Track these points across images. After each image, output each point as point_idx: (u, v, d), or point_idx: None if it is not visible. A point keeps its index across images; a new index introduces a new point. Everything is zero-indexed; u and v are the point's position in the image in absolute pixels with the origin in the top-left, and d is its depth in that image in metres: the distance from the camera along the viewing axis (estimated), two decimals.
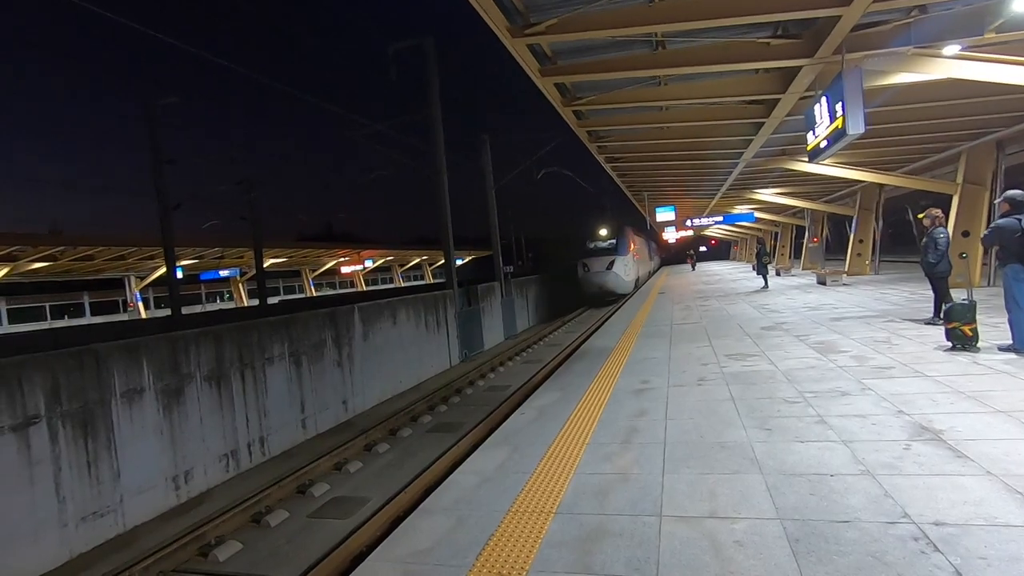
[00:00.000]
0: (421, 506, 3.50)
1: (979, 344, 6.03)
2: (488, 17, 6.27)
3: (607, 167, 16.37)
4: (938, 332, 6.77)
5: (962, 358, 5.77)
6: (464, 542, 2.95)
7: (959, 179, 12.69)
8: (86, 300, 38.38)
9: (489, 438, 4.76)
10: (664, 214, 24.29)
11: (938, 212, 7.85)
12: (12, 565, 4.68)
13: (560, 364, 8.37)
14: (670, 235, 34.20)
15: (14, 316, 34.44)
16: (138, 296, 35.69)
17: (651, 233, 40.12)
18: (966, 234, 12.14)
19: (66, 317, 36.66)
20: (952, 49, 6.68)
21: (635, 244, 27.79)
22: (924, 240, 7.80)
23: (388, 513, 5.13)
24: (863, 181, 16.24)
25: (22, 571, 4.72)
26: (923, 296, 8.36)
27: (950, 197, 12.75)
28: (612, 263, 24.31)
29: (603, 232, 25.96)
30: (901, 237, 35.39)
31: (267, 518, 5.36)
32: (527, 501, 3.36)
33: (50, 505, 5.05)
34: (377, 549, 3.01)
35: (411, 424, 8.36)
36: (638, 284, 28.64)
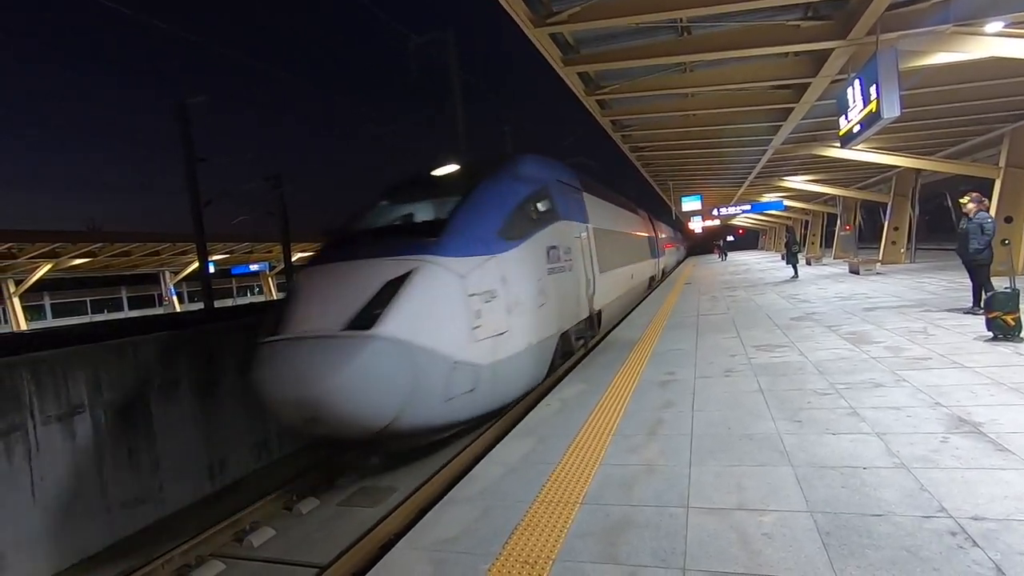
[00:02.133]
0: (447, 496, 3.54)
1: (1022, 334, 5.80)
2: (510, 7, 6.23)
3: (631, 156, 16.18)
4: (978, 322, 6.53)
5: (1004, 348, 5.56)
6: (490, 531, 2.98)
7: (1002, 162, 12.17)
8: (124, 295, 39.76)
9: (514, 429, 4.79)
10: (690, 204, 23.90)
11: (981, 196, 7.53)
12: (62, 547, 4.92)
13: (584, 356, 8.34)
14: (695, 224, 33.43)
15: (57, 311, 35.91)
16: (172, 290, 36.78)
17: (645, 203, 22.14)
18: (1009, 220, 11.66)
19: (105, 311, 38.01)
20: (995, 26, 6.39)
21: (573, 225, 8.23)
22: (964, 225, 7.47)
23: (415, 502, 5.19)
24: (898, 166, 15.70)
25: (70, 552, 4.97)
26: (962, 285, 8.08)
27: (992, 181, 12.24)
28: (374, 319, 4.55)
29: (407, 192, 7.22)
30: (938, 224, 34.18)
31: (298, 506, 5.49)
32: (552, 491, 3.37)
33: (95, 491, 5.28)
34: (405, 537, 3.06)
35: None
36: (594, 329, 9.06)
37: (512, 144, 19.03)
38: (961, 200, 7.56)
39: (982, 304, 6.66)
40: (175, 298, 37.03)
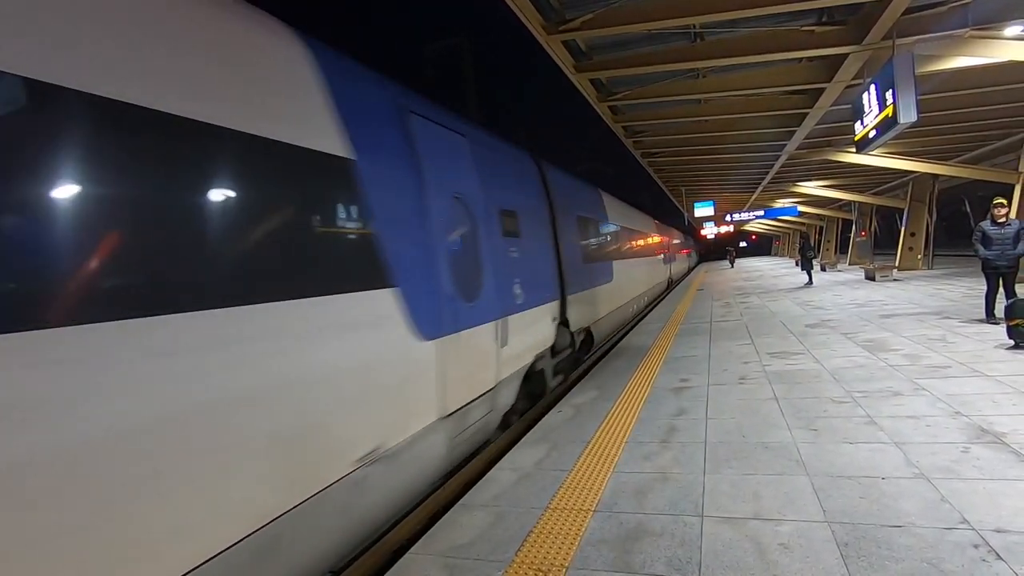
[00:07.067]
0: (460, 501, 3.54)
1: None
2: (522, 14, 6.26)
3: (643, 162, 16.15)
4: (999, 330, 6.42)
5: None
6: (503, 538, 2.97)
7: (1022, 167, 11.96)
8: None
9: (527, 435, 4.78)
10: (703, 209, 23.78)
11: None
12: None
13: (597, 362, 8.31)
14: (708, 230, 33.29)
15: None
16: None
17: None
18: None
19: None
20: (1014, 29, 6.32)
21: None
22: (995, 230, 7.10)
23: (427, 508, 5.19)
24: (915, 171, 15.52)
25: None
26: (982, 292, 7.95)
27: (1011, 187, 12.04)
28: None
29: None
30: (957, 229, 33.66)
31: None
32: (566, 498, 3.36)
33: None
34: (417, 543, 3.06)
35: None
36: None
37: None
38: (997, 200, 7.17)
39: (999, 312, 6.53)
40: None
